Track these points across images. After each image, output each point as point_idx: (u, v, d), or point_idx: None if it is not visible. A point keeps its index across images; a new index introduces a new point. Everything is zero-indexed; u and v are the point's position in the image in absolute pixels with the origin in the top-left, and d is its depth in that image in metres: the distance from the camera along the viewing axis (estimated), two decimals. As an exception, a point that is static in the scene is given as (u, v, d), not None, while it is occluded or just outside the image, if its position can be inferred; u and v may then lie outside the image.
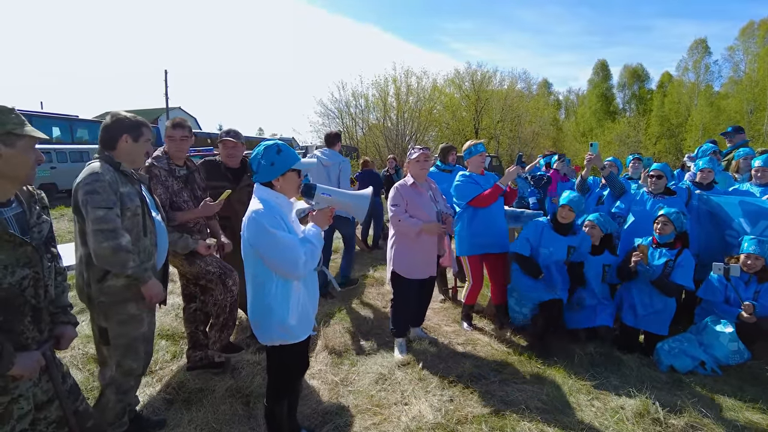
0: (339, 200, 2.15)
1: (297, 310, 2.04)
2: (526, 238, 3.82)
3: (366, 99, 28.19)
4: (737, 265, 3.40)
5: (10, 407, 1.38)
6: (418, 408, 2.78)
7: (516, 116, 28.87)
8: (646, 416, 2.71)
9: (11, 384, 1.38)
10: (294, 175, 2.04)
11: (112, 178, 2.09)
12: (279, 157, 1.98)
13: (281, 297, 1.99)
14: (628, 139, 32.03)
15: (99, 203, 1.99)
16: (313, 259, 1.97)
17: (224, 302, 3.03)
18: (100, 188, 2.02)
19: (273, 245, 1.88)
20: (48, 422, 1.49)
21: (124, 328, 2.21)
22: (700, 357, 3.34)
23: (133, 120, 2.24)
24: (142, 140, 2.27)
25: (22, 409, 1.41)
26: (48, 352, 1.51)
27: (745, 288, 3.53)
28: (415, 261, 3.43)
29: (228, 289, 3.02)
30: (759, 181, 4.12)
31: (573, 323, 3.80)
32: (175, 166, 3.01)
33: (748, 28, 32.17)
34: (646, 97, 40.65)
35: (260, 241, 1.90)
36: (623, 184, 4.46)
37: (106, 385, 2.28)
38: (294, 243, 1.91)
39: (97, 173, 2.05)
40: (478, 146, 4.03)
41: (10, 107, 1.42)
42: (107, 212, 2.00)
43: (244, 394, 2.94)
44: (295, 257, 1.89)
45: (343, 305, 4.69)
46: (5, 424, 1.36)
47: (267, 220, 1.88)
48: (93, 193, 2.00)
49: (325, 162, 4.97)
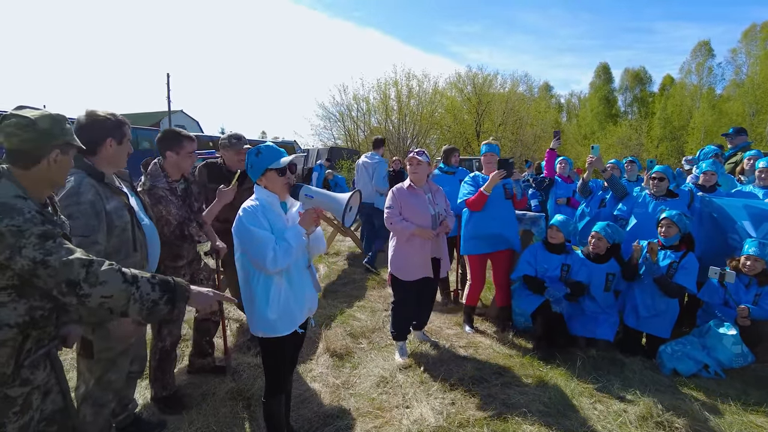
0: (320, 201, 2.19)
1: (278, 305, 2.11)
2: (527, 260, 3.93)
3: (367, 102, 28.28)
4: (732, 272, 3.40)
5: (29, 398, 1.43)
6: (420, 411, 2.77)
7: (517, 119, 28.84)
8: (649, 419, 2.69)
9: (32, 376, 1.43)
10: (274, 175, 2.13)
11: (94, 195, 1.93)
12: (257, 159, 2.12)
13: (261, 290, 2.10)
14: (629, 142, 31.96)
15: (75, 230, 1.83)
16: (285, 256, 2.02)
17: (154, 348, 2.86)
18: (78, 212, 1.86)
19: (249, 240, 2.03)
20: (43, 416, 1.51)
21: (110, 343, 2.12)
22: (704, 360, 3.32)
23: (114, 120, 2.05)
24: (125, 141, 2.12)
25: (38, 399, 1.47)
26: (53, 350, 1.53)
27: (746, 291, 3.52)
28: (408, 263, 3.45)
29: (161, 336, 2.82)
30: (763, 182, 4.11)
31: (574, 330, 3.79)
32: (174, 183, 2.83)
33: (751, 30, 32.16)
34: (648, 99, 40.61)
35: (240, 235, 2.07)
36: (625, 186, 4.45)
37: (82, 400, 2.15)
38: (266, 240, 2.01)
39: (78, 193, 1.89)
40: (484, 147, 4.06)
41: (65, 117, 1.51)
42: (82, 241, 1.84)
43: (245, 397, 2.93)
44: (264, 253, 1.98)
45: (345, 308, 4.69)
46: (26, 413, 1.42)
47: (247, 217, 2.05)
48: (70, 218, 1.81)
49: (367, 163, 6.45)
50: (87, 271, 1.34)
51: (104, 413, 2.20)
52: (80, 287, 1.33)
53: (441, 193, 3.64)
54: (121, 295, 1.38)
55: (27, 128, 1.39)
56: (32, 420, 1.44)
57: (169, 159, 2.79)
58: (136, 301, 1.40)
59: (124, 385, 2.37)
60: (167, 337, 2.85)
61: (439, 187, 3.68)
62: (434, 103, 28.54)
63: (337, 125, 28.80)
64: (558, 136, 5.66)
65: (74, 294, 1.33)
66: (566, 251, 3.91)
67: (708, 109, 31.90)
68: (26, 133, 1.39)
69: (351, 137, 28.24)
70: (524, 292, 3.95)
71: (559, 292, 3.71)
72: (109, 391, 2.18)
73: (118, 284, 1.38)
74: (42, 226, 1.33)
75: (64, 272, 1.32)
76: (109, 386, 2.17)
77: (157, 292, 1.44)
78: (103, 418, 2.19)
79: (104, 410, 2.19)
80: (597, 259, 3.85)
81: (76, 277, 1.33)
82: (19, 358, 1.39)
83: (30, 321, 1.40)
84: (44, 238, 1.32)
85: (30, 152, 1.41)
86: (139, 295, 1.41)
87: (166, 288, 1.47)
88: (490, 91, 29.72)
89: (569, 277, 3.82)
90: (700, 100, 33.60)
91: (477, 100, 29.04)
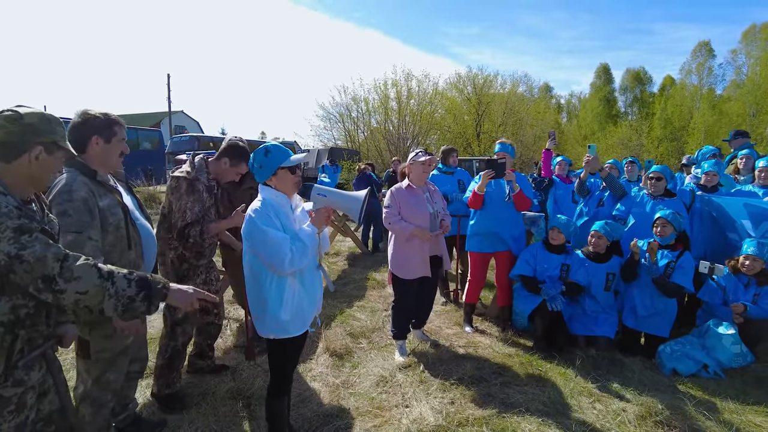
0: (334, 201, 2.21)
1: (291, 306, 2.09)
2: (526, 260, 3.94)
3: (367, 103, 28.26)
4: (721, 266, 3.41)
5: (23, 397, 1.43)
6: (419, 410, 2.77)
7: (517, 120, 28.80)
8: (648, 419, 2.69)
9: (26, 377, 1.42)
10: (286, 173, 2.11)
11: (87, 192, 1.94)
12: (266, 159, 2.09)
13: (275, 292, 2.06)
14: (630, 142, 31.92)
15: (69, 227, 1.85)
16: (302, 256, 2.01)
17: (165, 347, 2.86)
18: (71, 209, 1.88)
19: (263, 241, 1.98)
20: (40, 416, 1.51)
21: (108, 343, 2.11)
22: (703, 360, 3.32)
23: (103, 119, 2.05)
24: (115, 140, 2.09)
25: (32, 399, 1.47)
26: (49, 351, 1.52)
27: (745, 291, 3.52)
28: (407, 262, 3.47)
29: (174, 336, 2.84)
30: (763, 182, 4.12)
31: (573, 329, 3.80)
32: (213, 182, 2.91)
33: (751, 31, 32.14)
34: (649, 100, 40.58)
35: (253, 237, 2.01)
36: (623, 186, 4.46)
37: (81, 400, 2.15)
38: (282, 240, 1.97)
39: (69, 191, 1.90)
40: (497, 145, 4.09)
41: (60, 119, 1.50)
42: (76, 237, 1.86)
43: (245, 396, 2.94)
44: (281, 254, 1.95)
45: (345, 308, 4.69)
46: (21, 412, 1.41)
47: (259, 218, 1.99)
48: (63, 215, 1.85)
49: None
50: (62, 265, 1.32)
51: (103, 413, 2.19)
52: (55, 282, 1.31)
53: (438, 192, 3.69)
54: (96, 291, 1.35)
55: (14, 121, 1.39)
56: (28, 419, 1.44)
57: (222, 166, 2.88)
58: (111, 297, 1.37)
59: (124, 385, 2.36)
60: (180, 336, 2.85)
61: (436, 187, 3.73)
62: (434, 104, 28.52)
63: (337, 126, 28.81)
64: (553, 137, 5.65)
65: (50, 290, 1.31)
66: (566, 251, 3.93)
67: (708, 109, 31.86)
68: (12, 126, 1.38)
69: (351, 138, 28.23)
70: (523, 292, 3.97)
71: (554, 290, 3.72)
72: (107, 391, 2.17)
73: (93, 279, 1.35)
74: (18, 220, 1.31)
75: (38, 267, 1.30)
76: (108, 386, 2.17)
77: (133, 288, 1.41)
78: (102, 417, 2.19)
79: (103, 410, 2.19)
80: (597, 258, 3.85)
81: (51, 271, 1.31)
82: (11, 358, 1.37)
83: (15, 320, 1.38)
84: (19, 232, 1.30)
85: (13, 145, 1.39)
86: (115, 291, 1.38)
87: (143, 285, 1.43)
88: (490, 92, 29.67)
89: (568, 277, 3.83)
90: (700, 100, 33.56)
91: (477, 100, 29.01)
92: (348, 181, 14.67)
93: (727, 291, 3.56)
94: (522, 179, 4.01)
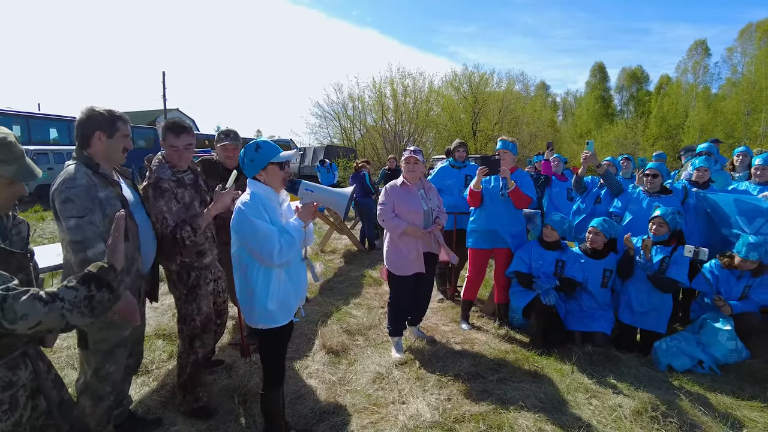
0: (320, 196, 2.25)
1: (277, 297, 2.16)
2: (521, 257, 3.96)
3: (362, 101, 28.22)
4: (705, 249, 3.40)
5: (15, 396, 1.42)
6: (416, 407, 2.77)
7: (514, 118, 28.82)
8: (643, 414, 2.70)
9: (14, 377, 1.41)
10: (275, 168, 2.15)
11: (89, 182, 1.99)
12: (257, 154, 2.13)
13: (262, 283, 2.13)
14: (626, 140, 32.02)
15: (71, 212, 1.91)
16: (289, 249, 2.06)
17: (185, 362, 2.71)
18: (74, 195, 1.93)
19: (252, 233, 2.03)
20: (39, 412, 1.50)
21: (105, 333, 2.13)
22: (699, 356, 3.34)
23: (107, 115, 2.09)
24: (118, 136, 2.12)
25: (23, 397, 1.46)
26: (32, 351, 1.50)
27: (736, 282, 3.54)
28: (400, 258, 3.47)
29: (193, 350, 2.69)
30: (758, 179, 4.14)
31: (570, 325, 3.80)
32: (180, 174, 2.65)
33: (747, 29, 32.30)
34: (645, 99, 40.72)
35: (242, 229, 2.06)
36: (620, 183, 4.47)
37: (81, 392, 2.19)
38: (271, 232, 2.03)
39: (72, 179, 1.96)
40: (499, 143, 4.05)
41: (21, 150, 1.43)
42: (78, 221, 1.92)
43: (241, 393, 2.93)
44: (270, 245, 2.00)
45: (341, 305, 4.68)
46: (15, 411, 1.41)
47: (249, 210, 2.04)
48: (66, 202, 1.92)
49: None
50: (2, 308, 1.21)
51: (103, 405, 2.22)
52: (1, 325, 1.22)
53: (433, 189, 3.69)
54: (50, 318, 1.26)
55: None
56: (23, 418, 1.44)
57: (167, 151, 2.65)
58: (69, 311, 1.29)
59: (122, 378, 2.36)
60: (200, 349, 2.70)
61: (431, 185, 3.72)
62: (430, 102, 28.51)
63: (333, 124, 28.77)
64: (551, 147, 5.80)
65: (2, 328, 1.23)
66: (561, 248, 3.93)
67: (704, 107, 32.02)
68: None
69: (347, 135, 28.19)
70: (518, 288, 3.97)
71: (548, 284, 3.73)
72: (107, 383, 2.20)
73: (39, 311, 1.24)
74: None
75: None
76: (107, 378, 2.19)
77: (82, 290, 1.33)
78: (101, 410, 2.21)
79: (103, 402, 2.21)
80: (594, 254, 3.86)
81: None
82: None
83: None
84: None
85: None
86: (68, 304, 1.29)
87: (87, 279, 1.36)
88: (487, 90, 29.68)
89: (563, 274, 3.84)
90: (696, 98, 33.70)
91: (473, 98, 29.01)
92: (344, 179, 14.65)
93: (720, 282, 3.58)
94: (523, 176, 3.99)
